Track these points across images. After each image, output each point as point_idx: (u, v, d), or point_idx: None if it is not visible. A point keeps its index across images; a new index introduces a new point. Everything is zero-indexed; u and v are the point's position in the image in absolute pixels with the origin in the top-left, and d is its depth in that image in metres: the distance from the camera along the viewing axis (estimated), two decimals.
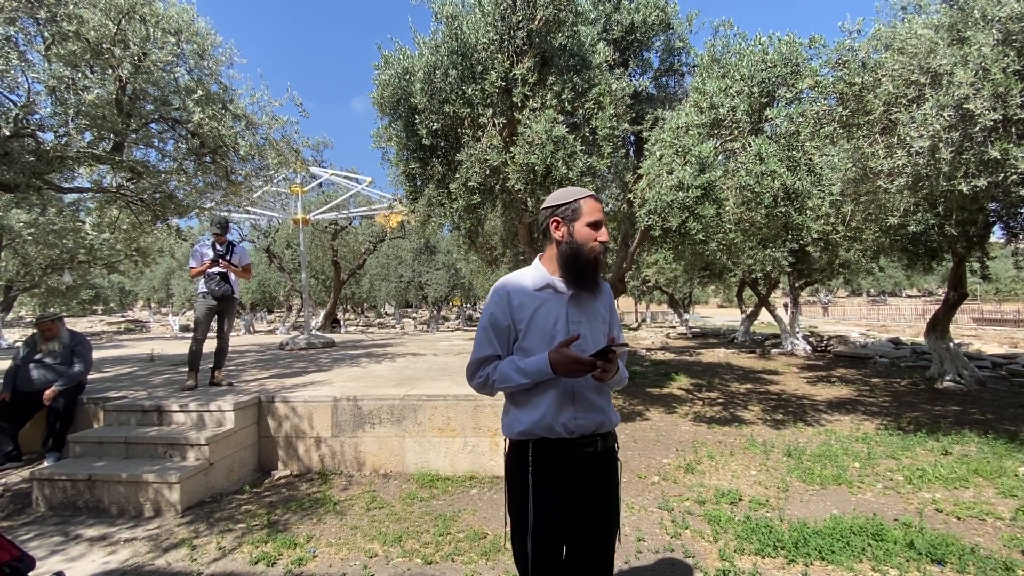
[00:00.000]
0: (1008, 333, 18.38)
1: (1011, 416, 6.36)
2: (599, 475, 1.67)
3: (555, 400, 1.60)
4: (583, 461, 1.63)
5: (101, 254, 12.79)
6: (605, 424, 1.66)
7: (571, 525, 1.64)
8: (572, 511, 1.63)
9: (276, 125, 5.87)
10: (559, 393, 1.60)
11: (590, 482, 1.65)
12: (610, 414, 1.69)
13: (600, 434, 1.65)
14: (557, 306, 1.65)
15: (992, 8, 4.15)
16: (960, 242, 7.73)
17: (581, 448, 1.62)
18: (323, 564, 2.97)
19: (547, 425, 1.60)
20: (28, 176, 4.61)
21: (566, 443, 1.61)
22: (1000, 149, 4.03)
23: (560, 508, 1.61)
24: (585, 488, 1.64)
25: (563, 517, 1.61)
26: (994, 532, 3.29)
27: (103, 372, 6.66)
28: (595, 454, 1.65)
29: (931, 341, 9.00)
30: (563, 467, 1.62)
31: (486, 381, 1.67)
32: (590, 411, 1.62)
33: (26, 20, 4.36)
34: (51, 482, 3.78)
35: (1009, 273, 35.68)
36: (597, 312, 1.70)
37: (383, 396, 4.61)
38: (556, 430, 1.59)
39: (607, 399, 1.69)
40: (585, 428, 1.61)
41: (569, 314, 1.64)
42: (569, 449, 1.61)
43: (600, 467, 1.67)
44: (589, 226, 1.63)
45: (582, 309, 1.66)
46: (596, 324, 1.68)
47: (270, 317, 38.05)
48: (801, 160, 5.04)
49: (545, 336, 1.62)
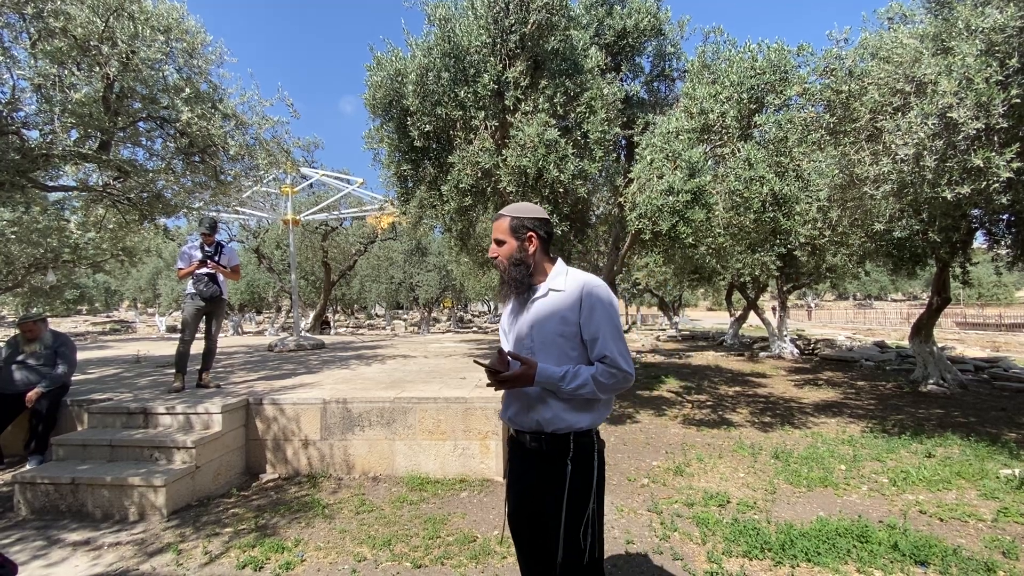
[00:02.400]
0: (990, 337, 18.72)
1: (992, 419, 6.48)
2: (546, 476, 1.73)
3: (507, 394, 1.82)
4: (532, 457, 1.78)
5: (86, 253, 12.57)
6: (543, 424, 1.72)
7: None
8: (535, 501, 1.76)
9: (266, 125, 5.83)
10: (510, 391, 1.80)
11: (540, 480, 1.75)
12: (552, 415, 1.70)
13: (546, 433, 1.72)
14: (519, 312, 1.85)
15: (976, 19, 4.24)
16: (944, 248, 7.87)
17: (528, 442, 1.78)
18: (311, 568, 2.94)
19: (503, 416, 1.86)
20: (12, 174, 4.54)
21: (520, 434, 1.82)
22: (983, 157, 4.11)
23: (519, 495, 1.82)
24: (538, 485, 1.75)
25: (521, 504, 1.81)
26: (976, 533, 3.35)
27: (87, 374, 6.55)
28: (540, 452, 1.75)
29: (915, 345, 9.14)
30: (520, 457, 1.84)
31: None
32: (529, 411, 1.74)
33: (12, 16, 4.30)
34: (33, 485, 3.71)
35: (991, 278, 36.40)
36: (553, 315, 1.74)
37: (373, 398, 4.59)
38: (508, 422, 1.84)
39: (552, 402, 1.70)
40: (527, 425, 1.76)
41: (522, 320, 1.82)
42: (520, 441, 1.82)
43: (548, 468, 1.73)
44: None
45: (535, 315, 1.78)
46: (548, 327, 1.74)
47: (259, 318, 37.67)
48: (789, 166, 5.11)
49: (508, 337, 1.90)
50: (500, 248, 1.83)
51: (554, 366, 1.67)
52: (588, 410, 1.72)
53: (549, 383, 1.66)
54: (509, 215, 1.83)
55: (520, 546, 1.86)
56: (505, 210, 1.86)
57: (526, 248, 1.81)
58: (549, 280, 1.81)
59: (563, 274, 1.80)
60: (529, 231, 1.81)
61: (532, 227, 1.81)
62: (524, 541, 1.84)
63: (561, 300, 1.74)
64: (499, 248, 1.83)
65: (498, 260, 1.83)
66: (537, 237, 1.82)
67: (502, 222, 1.82)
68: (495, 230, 1.84)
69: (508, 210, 1.86)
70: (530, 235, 1.81)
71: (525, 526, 1.82)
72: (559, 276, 1.80)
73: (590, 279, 1.76)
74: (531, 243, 1.81)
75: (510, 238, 1.81)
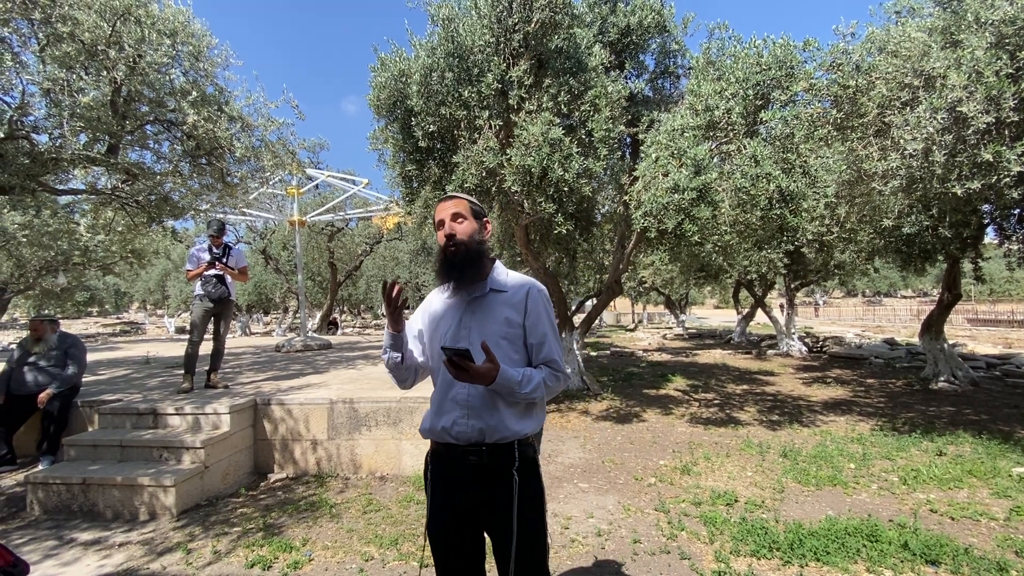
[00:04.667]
0: (1002, 333, 18.49)
1: (1005, 417, 6.40)
2: (488, 492, 1.57)
3: (441, 402, 1.63)
4: (469, 471, 1.58)
5: (96, 256, 12.72)
6: (486, 434, 1.55)
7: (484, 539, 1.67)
8: (471, 521, 1.61)
9: (272, 127, 5.86)
10: (446, 396, 1.62)
11: (482, 496, 1.58)
12: (496, 422, 1.56)
13: (487, 444, 1.56)
14: (455, 312, 1.68)
15: (985, 11, 4.18)
16: (954, 244, 7.78)
17: (466, 456, 1.58)
18: (319, 567, 2.96)
19: (434, 427, 1.62)
20: (22, 178, 4.59)
21: (453, 448, 1.60)
22: (993, 152, 4.06)
23: (451, 515, 1.61)
24: (479, 502, 1.58)
25: (453, 525, 1.60)
26: (988, 533, 3.31)
27: (98, 375, 6.62)
28: (480, 465, 1.57)
29: (926, 342, 9.04)
30: (453, 473, 1.62)
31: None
32: (471, 418, 1.57)
33: (20, 22, 4.34)
34: (45, 486, 3.76)
35: (1003, 274, 35.92)
36: (497, 315, 1.62)
37: (379, 398, 4.60)
38: (439, 433, 1.61)
39: (500, 407, 1.57)
40: (468, 435, 1.56)
41: (463, 320, 1.65)
42: (455, 454, 1.60)
43: (489, 483, 1.57)
44: (437, 227, 1.68)
45: (477, 313, 1.64)
46: (492, 327, 1.61)
47: (266, 319, 37.91)
48: (796, 162, 5.07)
49: (437, 340, 1.68)
50: (459, 225, 1.65)
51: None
52: (530, 416, 1.63)
53: (507, 386, 1.51)
54: (466, 198, 1.71)
55: (442, 565, 1.63)
56: (458, 193, 1.73)
57: (483, 233, 1.70)
58: (491, 279, 1.68)
59: (504, 274, 1.71)
60: (485, 219, 1.74)
61: (486, 217, 1.76)
62: (446, 558, 1.62)
63: (504, 300, 1.64)
64: (456, 225, 1.65)
65: (458, 237, 1.63)
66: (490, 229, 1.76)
67: (461, 201, 1.68)
68: (451, 207, 1.67)
69: (462, 195, 1.72)
70: (487, 223, 1.74)
71: (454, 550, 1.62)
72: (501, 275, 1.70)
73: (534, 281, 1.70)
74: (487, 231, 1.73)
75: (471, 218, 1.67)
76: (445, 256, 1.64)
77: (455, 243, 1.63)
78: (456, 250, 1.63)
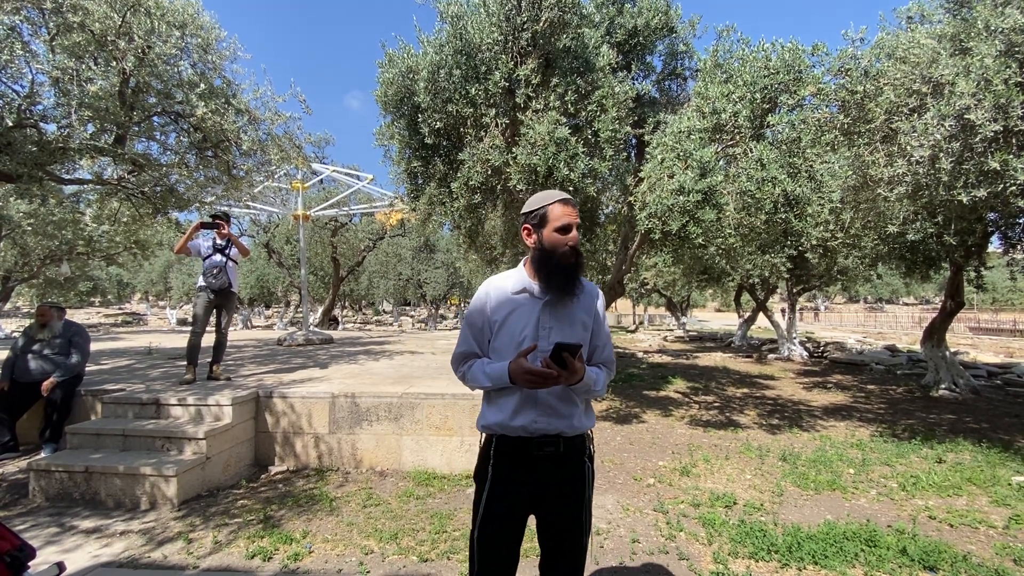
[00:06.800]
0: (1004, 342, 18.46)
1: (1005, 425, 6.40)
2: (561, 479, 1.66)
3: (516, 404, 1.63)
4: (542, 462, 1.63)
5: (100, 246, 12.79)
6: (566, 431, 1.63)
7: (540, 528, 1.71)
8: (531, 512, 1.68)
9: (279, 121, 5.88)
10: (521, 398, 1.62)
11: (552, 485, 1.64)
12: (575, 420, 1.65)
13: (565, 436, 1.64)
14: (530, 311, 1.65)
15: (995, 19, 4.17)
16: (958, 251, 7.77)
17: (540, 448, 1.62)
18: (319, 560, 2.97)
19: (508, 424, 1.63)
20: (30, 167, 4.61)
21: (525, 441, 1.63)
22: (1000, 160, 4.06)
23: (514, 506, 1.64)
24: (547, 491, 1.64)
25: (516, 516, 1.65)
26: (987, 540, 3.31)
27: (101, 364, 6.65)
28: (556, 455, 1.63)
29: (927, 349, 9.03)
30: (522, 465, 1.64)
31: (464, 376, 1.76)
32: (551, 416, 1.62)
33: (31, 10, 4.36)
34: (48, 473, 3.78)
35: (1005, 283, 35.85)
36: (575, 318, 1.67)
37: (381, 393, 4.62)
38: (515, 429, 1.63)
39: (574, 405, 1.66)
40: (545, 431, 1.62)
41: (540, 320, 1.64)
42: (527, 447, 1.63)
43: (563, 471, 1.66)
44: (557, 231, 1.62)
45: (556, 315, 1.65)
46: (571, 330, 1.65)
47: (268, 312, 38.00)
48: (802, 167, 5.06)
49: (513, 340, 1.64)
50: (571, 235, 1.64)
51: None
52: (590, 411, 1.76)
53: (586, 384, 1.58)
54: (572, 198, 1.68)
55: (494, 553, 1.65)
56: (562, 194, 1.68)
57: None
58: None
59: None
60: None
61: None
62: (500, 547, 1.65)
63: (579, 304, 1.69)
64: (578, 235, 1.66)
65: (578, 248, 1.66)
66: None
67: (568, 207, 1.64)
68: (574, 214, 1.65)
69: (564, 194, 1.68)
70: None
71: (505, 535, 1.65)
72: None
73: (596, 286, 1.79)
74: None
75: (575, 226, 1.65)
76: (569, 265, 1.63)
77: (579, 254, 1.65)
78: (578, 262, 1.65)
